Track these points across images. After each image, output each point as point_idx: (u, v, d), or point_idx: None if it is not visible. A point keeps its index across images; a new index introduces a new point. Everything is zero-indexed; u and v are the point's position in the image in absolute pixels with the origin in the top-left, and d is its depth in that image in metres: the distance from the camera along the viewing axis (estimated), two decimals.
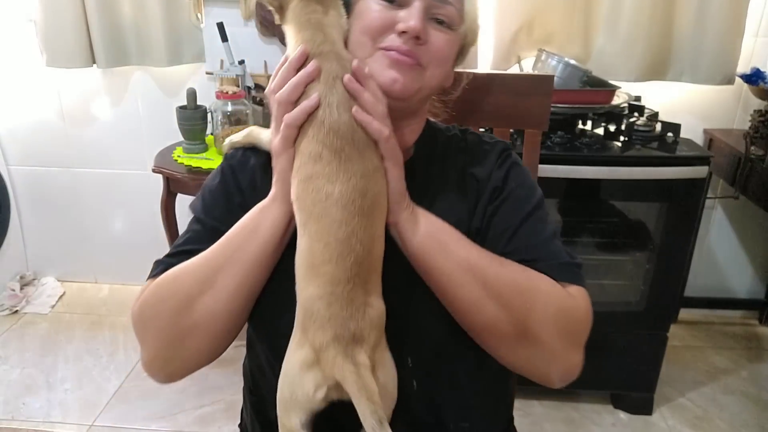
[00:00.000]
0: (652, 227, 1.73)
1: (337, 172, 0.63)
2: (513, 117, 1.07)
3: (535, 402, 1.89)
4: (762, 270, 2.31)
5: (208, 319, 0.69)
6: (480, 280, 0.67)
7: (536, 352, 0.66)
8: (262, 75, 2.12)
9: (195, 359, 0.72)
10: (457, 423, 0.76)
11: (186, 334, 0.69)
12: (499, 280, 0.67)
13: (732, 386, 1.98)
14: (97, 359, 2.08)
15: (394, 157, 0.67)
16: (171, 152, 1.99)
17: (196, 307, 0.68)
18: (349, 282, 0.62)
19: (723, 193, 2.18)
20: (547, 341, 0.66)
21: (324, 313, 0.62)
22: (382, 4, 0.70)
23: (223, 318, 0.70)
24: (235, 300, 0.69)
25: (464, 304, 0.68)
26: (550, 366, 0.68)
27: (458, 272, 0.67)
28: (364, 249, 0.63)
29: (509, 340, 0.67)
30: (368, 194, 0.64)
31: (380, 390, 0.61)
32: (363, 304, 0.63)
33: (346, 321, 0.62)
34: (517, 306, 0.66)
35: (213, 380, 1.96)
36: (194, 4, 2.08)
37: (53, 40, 2.06)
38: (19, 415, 1.83)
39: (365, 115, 0.65)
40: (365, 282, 0.64)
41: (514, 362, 0.70)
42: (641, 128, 1.77)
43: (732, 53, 1.89)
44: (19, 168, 2.39)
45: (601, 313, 2.07)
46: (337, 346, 0.61)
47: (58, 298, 2.43)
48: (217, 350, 0.73)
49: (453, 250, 0.68)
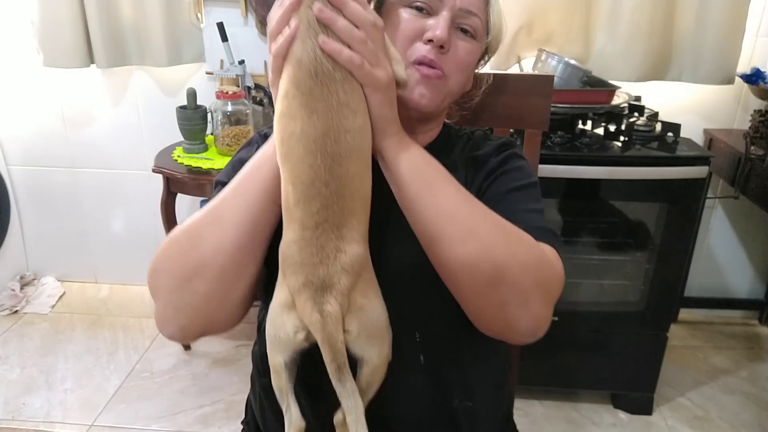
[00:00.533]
0: (652, 227, 1.73)
1: (299, 108, 0.61)
2: (513, 117, 1.07)
3: (536, 402, 1.89)
4: (762, 270, 2.31)
5: (216, 254, 0.66)
6: (466, 216, 0.65)
7: (510, 298, 0.64)
8: (262, 75, 2.12)
9: (204, 307, 0.68)
10: (461, 401, 0.78)
11: (193, 272, 0.66)
12: (486, 219, 0.66)
13: (732, 386, 1.98)
14: (97, 359, 2.08)
15: (373, 83, 0.63)
16: (171, 152, 1.99)
17: (204, 241, 0.67)
18: (317, 227, 0.61)
19: (723, 193, 2.18)
20: (524, 287, 0.64)
21: (297, 258, 0.61)
22: (411, 13, 0.73)
23: (230, 253, 0.67)
24: (242, 232, 0.67)
25: (446, 239, 0.65)
26: (521, 314, 0.65)
27: (446, 205, 0.65)
28: (331, 192, 0.61)
29: (485, 282, 0.64)
30: (332, 132, 0.60)
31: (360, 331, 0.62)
32: (334, 250, 0.61)
33: (315, 267, 0.61)
34: (500, 247, 0.64)
35: (213, 380, 1.97)
36: (194, 4, 2.08)
37: (50, 40, 2.05)
38: (19, 415, 1.83)
39: (334, 44, 0.61)
40: (337, 227, 0.61)
41: (484, 308, 0.67)
42: (641, 128, 1.77)
43: (732, 53, 1.89)
44: (19, 168, 2.39)
45: (601, 313, 2.07)
46: (307, 292, 0.61)
47: (58, 298, 2.43)
48: (227, 300, 0.69)
49: (442, 183, 0.67)
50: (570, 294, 1.81)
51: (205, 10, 2.10)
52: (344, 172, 0.61)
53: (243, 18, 2.08)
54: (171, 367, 2.05)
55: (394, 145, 0.67)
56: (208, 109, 1.95)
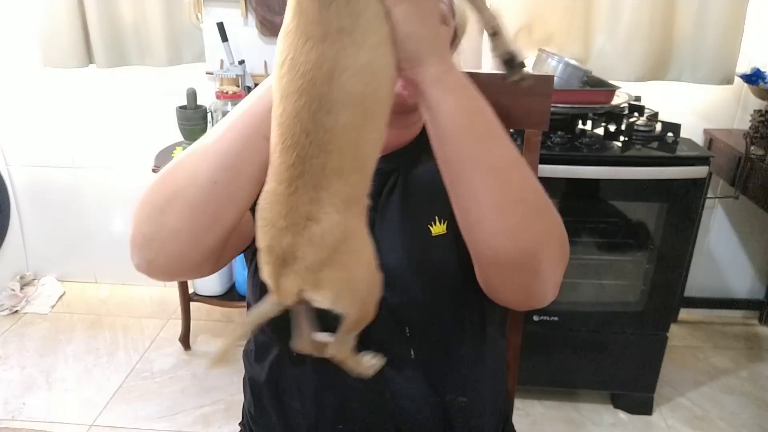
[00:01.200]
0: (652, 227, 1.73)
1: (295, 31, 0.49)
2: (513, 117, 1.06)
3: (536, 402, 1.89)
4: (762, 270, 2.31)
5: (189, 185, 0.59)
6: (518, 180, 0.56)
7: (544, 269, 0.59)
8: (262, 75, 2.12)
9: (171, 243, 0.60)
10: (454, 396, 0.78)
11: (166, 203, 0.60)
12: (533, 185, 0.57)
13: (732, 386, 1.98)
14: (97, 359, 2.08)
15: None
16: (171, 152, 1.99)
17: (180, 168, 0.61)
18: (291, 183, 0.50)
19: (723, 193, 2.18)
20: (557, 259, 0.61)
21: (266, 213, 0.52)
22: None
23: (204, 185, 0.58)
24: (220, 163, 0.58)
25: (492, 206, 0.56)
26: (547, 285, 0.62)
27: (499, 166, 0.55)
28: (312, 143, 0.49)
29: (525, 253, 0.57)
30: (324, 67, 0.48)
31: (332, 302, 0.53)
32: (305, 216, 0.50)
33: (281, 232, 0.51)
34: (544, 218, 0.58)
35: (213, 380, 1.97)
36: (194, 4, 2.08)
37: (50, 40, 2.06)
38: (19, 415, 1.83)
39: None
40: (314, 187, 0.50)
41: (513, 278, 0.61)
42: (641, 128, 1.77)
43: (732, 53, 1.89)
44: (19, 168, 2.39)
45: (601, 313, 2.07)
46: (268, 257, 0.53)
47: (58, 298, 2.43)
48: (197, 241, 0.60)
49: (497, 137, 0.56)
50: (570, 294, 1.81)
51: (205, 10, 2.10)
52: (332, 121, 0.49)
53: (243, 18, 2.08)
54: (171, 367, 2.05)
55: (434, 79, 0.53)
56: (208, 109, 1.95)
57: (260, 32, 2.09)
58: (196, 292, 2.12)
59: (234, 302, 2.09)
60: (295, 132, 0.49)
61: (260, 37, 2.10)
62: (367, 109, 0.50)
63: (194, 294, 2.11)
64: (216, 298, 2.11)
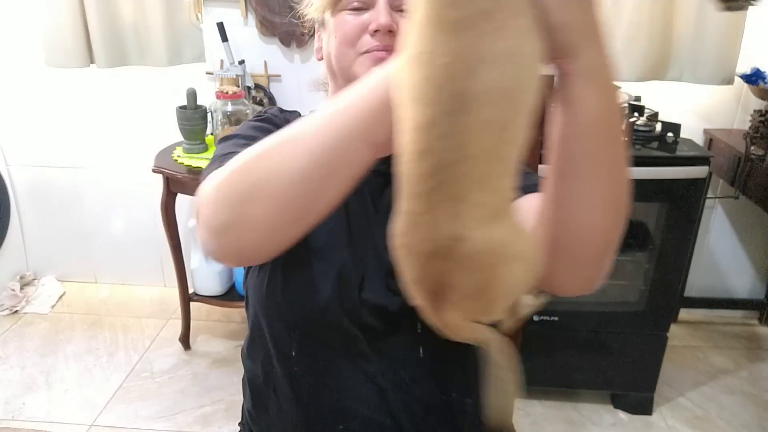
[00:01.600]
0: (652, 227, 1.73)
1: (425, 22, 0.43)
2: None
3: (536, 402, 1.89)
4: (762, 270, 2.31)
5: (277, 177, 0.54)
6: (624, 181, 0.53)
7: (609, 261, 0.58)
8: (262, 75, 2.12)
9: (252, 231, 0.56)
10: (461, 397, 0.78)
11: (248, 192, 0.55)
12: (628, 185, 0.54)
13: (732, 386, 1.98)
14: (97, 359, 2.08)
15: None
16: (171, 152, 1.99)
17: (266, 157, 0.55)
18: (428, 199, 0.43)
19: (723, 193, 2.18)
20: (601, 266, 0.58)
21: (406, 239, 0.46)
22: (351, 14, 0.74)
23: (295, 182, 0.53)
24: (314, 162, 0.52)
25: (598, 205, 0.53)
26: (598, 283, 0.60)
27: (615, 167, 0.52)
28: (450, 147, 0.42)
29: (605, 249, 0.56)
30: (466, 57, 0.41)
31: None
32: (449, 236, 0.43)
33: (428, 260, 0.45)
34: (624, 216, 0.55)
35: (213, 380, 1.97)
36: (194, 4, 2.08)
37: (51, 40, 2.06)
38: (19, 415, 1.83)
39: None
40: (456, 200, 0.43)
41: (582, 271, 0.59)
42: (641, 128, 1.77)
43: (732, 53, 1.89)
44: (19, 168, 2.39)
45: (601, 313, 2.06)
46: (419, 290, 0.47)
47: (58, 298, 2.43)
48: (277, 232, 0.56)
49: (619, 135, 0.51)
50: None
51: (205, 10, 2.10)
52: (473, 121, 0.42)
53: (243, 18, 2.08)
54: (171, 367, 2.05)
55: (587, 72, 0.47)
56: (208, 109, 1.95)
57: (260, 32, 2.09)
58: (196, 292, 2.12)
59: (234, 302, 2.09)
60: (428, 135, 0.42)
61: (260, 37, 2.10)
62: (512, 104, 0.43)
63: (194, 294, 2.11)
64: (216, 298, 2.11)
